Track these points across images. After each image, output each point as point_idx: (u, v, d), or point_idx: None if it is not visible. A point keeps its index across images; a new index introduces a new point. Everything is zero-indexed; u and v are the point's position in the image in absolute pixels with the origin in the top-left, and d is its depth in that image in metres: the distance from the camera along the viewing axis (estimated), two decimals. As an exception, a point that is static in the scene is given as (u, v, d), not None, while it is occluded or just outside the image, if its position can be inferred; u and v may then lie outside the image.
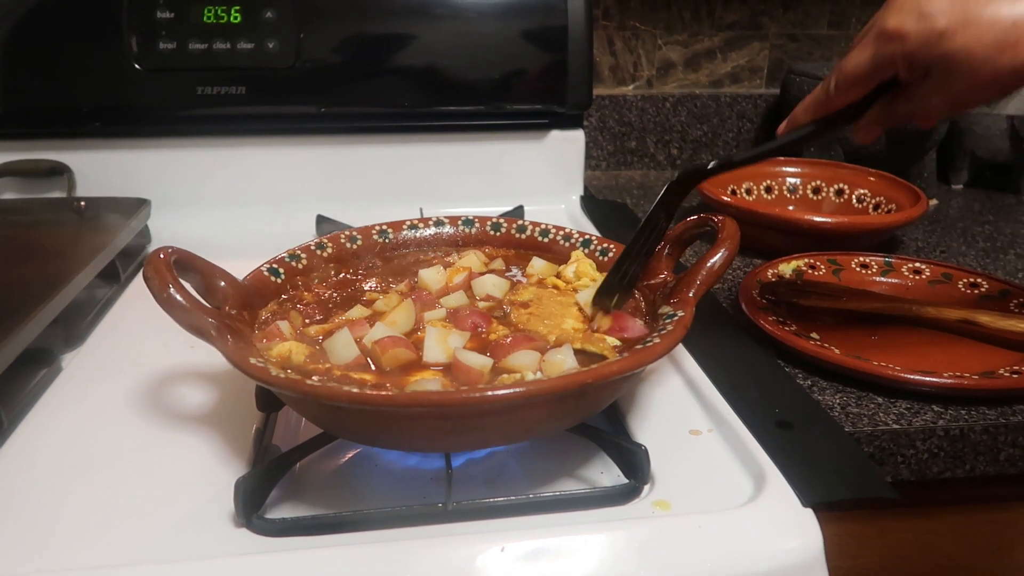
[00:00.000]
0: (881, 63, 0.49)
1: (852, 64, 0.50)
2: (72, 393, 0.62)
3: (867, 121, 0.54)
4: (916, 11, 0.46)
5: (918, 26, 0.46)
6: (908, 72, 0.49)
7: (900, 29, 0.47)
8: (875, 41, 0.49)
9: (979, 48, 0.45)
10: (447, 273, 0.62)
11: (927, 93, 0.49)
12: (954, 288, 0.76)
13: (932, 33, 0.46)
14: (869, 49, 0.49)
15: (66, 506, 0.49)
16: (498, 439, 0.49)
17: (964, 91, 0.48)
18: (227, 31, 0.91)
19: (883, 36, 0.48)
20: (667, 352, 0.48)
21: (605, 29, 1.19)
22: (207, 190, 0.98)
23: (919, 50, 0.47)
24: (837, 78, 0.52)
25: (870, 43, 0.49)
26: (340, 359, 0.51)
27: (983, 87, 0.47)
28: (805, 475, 0.50)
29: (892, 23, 0.47)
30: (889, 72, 0.50)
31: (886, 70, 0.49)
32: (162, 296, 0.49)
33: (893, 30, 0.47)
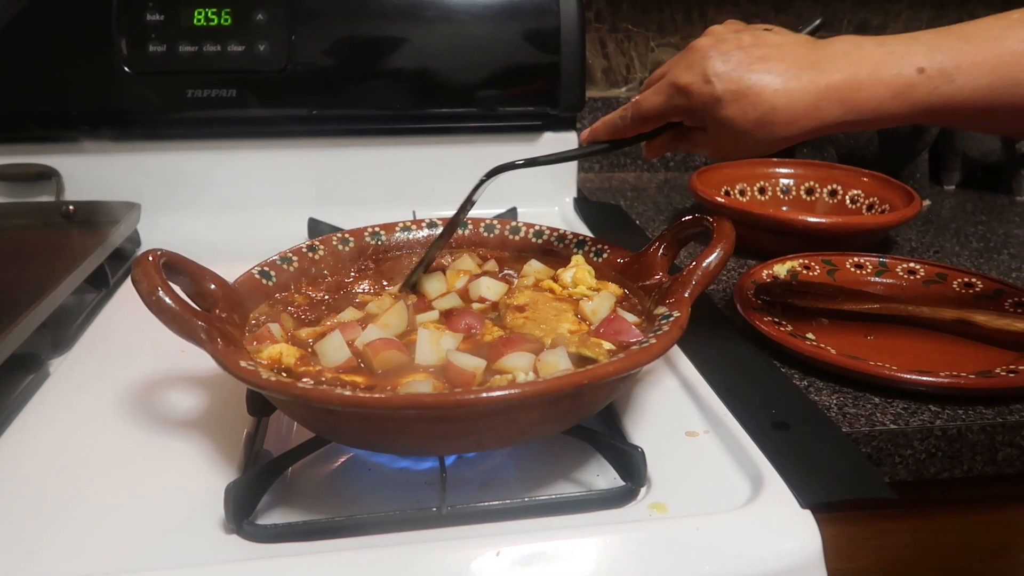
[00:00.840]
0: (670, 110, 0.56)
1: (647, 105, 0.57)
2: (60, 399, 0.61)
3: (655, 146, 0.62)
4: (702, 74, 0.52)
5: (701, 88, 0.53)
6: (690, 121, 0.56)
7: (688, 87, 0.53)
8: (667, 90, 0.55)
9: (743, 120, 0.52)
10: (447, 278, 0.61)
11: (703, 142, 0.57)
12: (949, 288, 0.76)
13: (711, 97, 0.52)
14: (662, 96, 0.56)
15: (53, 514, 0.48)
16: (492, 442, 0.48)
17: (730, 148, 0.55)
18: (217, 33, 0.91)
19: (674, 88, 0.54)
20: (663, 353, 0.48)
21: (597, 31, 1.19)
22: (198, 194, 0.97)
23: (699, 108, 0.54)
24: (633, 114, 0.58)
25: (664, 90, 0.55)
26: (331, 361, 0.50)
27: (744, 148, 0.54)
28: (803, 476, 0.49)
29: (683, 80, 0.54)
30: (676, 117, 0.57)
31: (673, 115, 0.57)
32: (151, 299, 0.48)
33: (683, 86, 0.54)
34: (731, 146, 0.55)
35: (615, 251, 0.64)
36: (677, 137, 0.59)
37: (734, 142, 0.54)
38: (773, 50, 0.52)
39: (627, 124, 0.59)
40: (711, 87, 0.52)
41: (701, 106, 0.53)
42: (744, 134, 0.53)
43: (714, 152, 0.57)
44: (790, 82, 0.51)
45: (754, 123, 0.52)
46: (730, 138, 0.54)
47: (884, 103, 0.51)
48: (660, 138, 0.60)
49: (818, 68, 0.51)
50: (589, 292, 0.60)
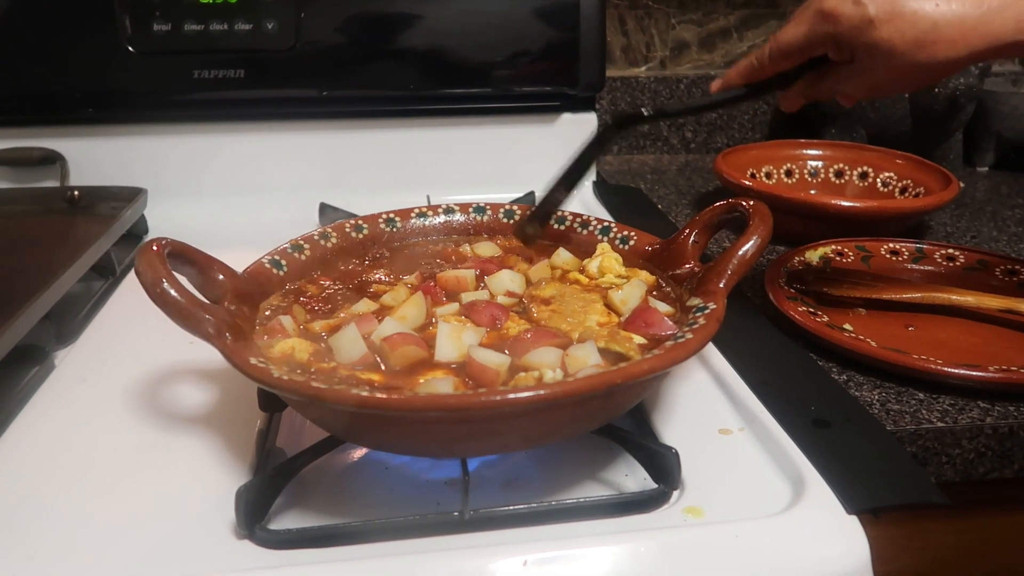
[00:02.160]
0: (814, 40, 0.51)
1: (787, 37, 0.53)
2: (64, 393, 0.58)
3: (794, 92, 0.57)
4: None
5: (851, 11, 0.48)
6: (836, 53, 0.51)
7: (835, 11, 0.49)
8: (811, 19, 0.51)
9: (900, 42, 0.47)
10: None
11: (849, 75, 0.52)
12: (991, 275, 0.72)
13: (862, 20, 0.48)
14: (805, 26, 0.51)
15: (56, 515, 0.46)
16: (518, 443, 0.45)
17: (882, 79, 0.51)
18: (224, 11, 0.88)
19: (819, 15, 0.50)
20: (700, 348, 0.45)
21: (617, 8, 1.15)
22: (205, 178, 0.94)
23: (848, 34, 0.49)
24: (772, 49, 0.54)
25: (807, 19, 0.51)
26: (347, 357, 0.47)
27: (899, 78, 0.50)
28: (848, 479, 0.46)
29: (829, 4, 0.49)
30: (820, 49, 0.52)
31: (817, 47, 0.52)
32: (155, 292, 0.45)
33: (829, 10, 0.49)
34: (884, 75, 0.50)
35: (643, 238, 0.61)
36: (818, 78, 0.54)
37: (888, 70, 0.49)
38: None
39: (765, 62, 0.54)
40: (862, 8, 0.48)
41: (850, 30, 0.49)
42: (900, 57, 0.48)
43: (863, 87, 0.52)
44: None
45: (912, 43, 0.47)
46: (883, 66, 0.49)
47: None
48: (800, 81, 0.55)
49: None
50: (618, 280, 0.56)
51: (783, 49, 0.53)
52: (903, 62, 0.48)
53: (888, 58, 0.48)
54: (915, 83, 0.50)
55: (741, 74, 0.57)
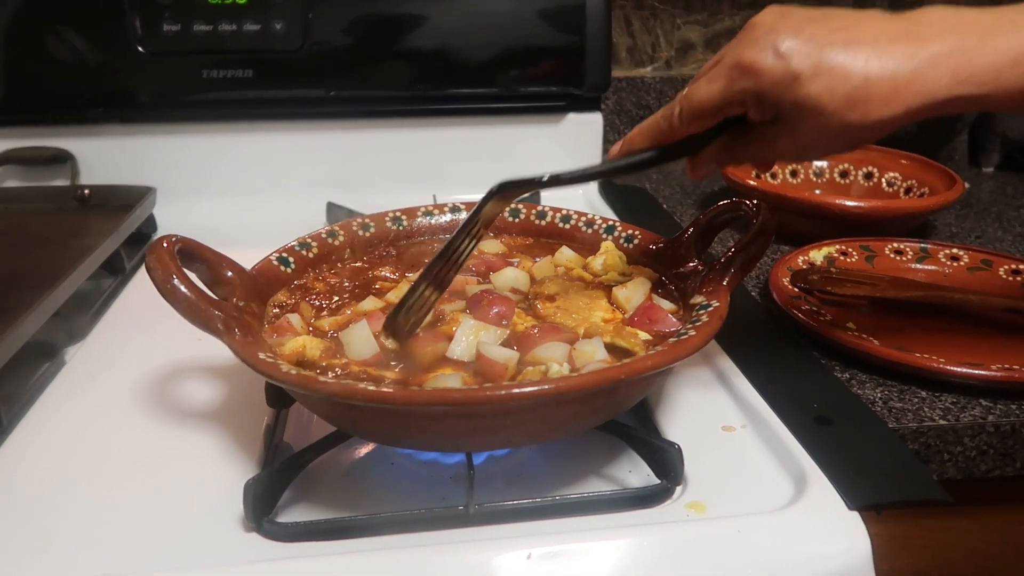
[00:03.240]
0: (731, 98, 0.45)
1: (701, 95, 0.46)
2: (75, 388, 0.59)
3: (706, 158, 0.50)
4: (772, 48, 0.43)
5: (773, 64, 0.43)
6: (757, 112, 0.45)
7: (754, 64, 0.43)
8: (728, 73, 0.45)
9: (829, 100, 0.42)
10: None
11: (772, 137, 0.46)
12: (995, 275, 0.72)
13: (785, 74, 0.43)
14: (720, 81, 0.45)
15: (67, 509, 0.47)
16: (523, 438, 0.46)
17: (809, 141, 0.45)
18: (233, 12, 0.88)
19: (737, 69, 0.44)
20: (703, 345, 0.45)
21: (622, 9, 1.16)
22: (213, 177, 0.95)
23: (771, 90, 0.43)
24: (682, 108, 0.47)
25: (722, 74, 0.45)
26: (358, 354, 0.48)
27: (828, 140, 0.44)
28: (850, 475, 0.47)
29: (748, 56, 0.44)
30: (738, 109, 0.46)
31: (735, 106, 0.46)
32: (165, 287, 0.46)
33: (748, 64, 0.44)
34: (811, 137, 0.44)
35: (647, 236, 0.62)
36: (734, 141, 0.48)
37: (816, 131, 0.44)
38: (851, 21, 0.43)
39: (675, 123, 0.48)
40: (785, 62, 0.42)
41: (773, 86, 0.43)
42: (830, 117, 0.42)
43: (789, 148, 0.46)
44: (884, 52, 0.42)
45: (843, 101, 0.42)
46: (811, 126, 0.43)
47: (1002, 72, 0.41)
48: (712, 147, 0.49)
49: (915, 37, 0.42)
50: (621, 278, 0.57)
51: (696, 108, 0.47)
52: (833, 122, 0.43)
53: (816, 117, 0.43)
54: (845, 144, 0.45)
55: (646, 136, 0.50)
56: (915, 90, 0.42)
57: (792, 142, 0.45)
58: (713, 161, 0.50)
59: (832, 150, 0.47)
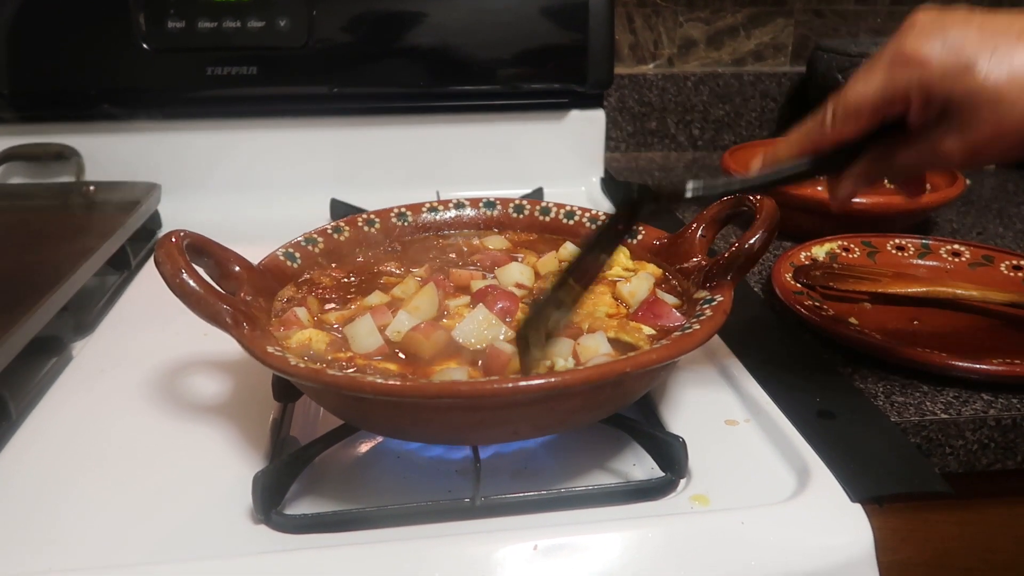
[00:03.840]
0: (893, 92, 0.41)
1: (858, 90, 0.42)
2: (83, 383, 0.60)
3: (855, 174, 0.46)
4: (941, 37, 0.39)
5: (943, 54, 0.39)
6: (922, 108, 0.41)
7: (921, 53, 0.40)
8: (889, 65, 0.41)
9: (1009, 88, 0.38)
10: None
11: (940, 137, 0.41)
12: (996, 271, 0.73)
13: (958, 63, 0.39)
14: (881, 74, 0.41)
15: (77, 501, 0.47)
16: (529, 431, 0.46)
17: (985, 137, 0.40)
18: (237, 9, 0.89)
19: (900, 60, 0.40)
20: (707, 339, 0.46)
21: (625, 6, 1.16)
22: (218, 173, 0.96)
23: (940, 81, 0.39)
24: (836, 106, 0.43)
25: (883, 67, 0.41)
26: (363, 347, 0.48)
27: (1007, 135, 0.39)
28: (852, 468, 0.47)
29: (912, 46, 0.40)
30: (900, 105, 0.42)
31: (897, 102, 0.41)
32: (174, 282, 0.46)
33: (912, 53, 0.40)
34: (986, 133, 0.39)
35: (651, 232, 0.62)
36: (890, 148, 0.43)
37: (992, 126, 0.39)
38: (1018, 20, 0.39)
39: (827, 125, 0.44)
40: (955, 51, 0.38)
41: (943, 77, 0.39)
42: (1011, 107, 0.38)
43: (961, 149, 0.41)
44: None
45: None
46: (987, 120, 0.39)
47: None
48: (862, 162, 0.45)
49: None
50: (626, 273, 0.57)
51: (851, 105, 0.42)
52: (1015, 113, 0.38)
53: (994, 109, 0.38)
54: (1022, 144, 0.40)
55: (793, 144, 0.46)
56: None
57: (962, 141, 0.41)
58: (862, 176, 0.45)
59: (1007, 151, 0.40)
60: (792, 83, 1.21)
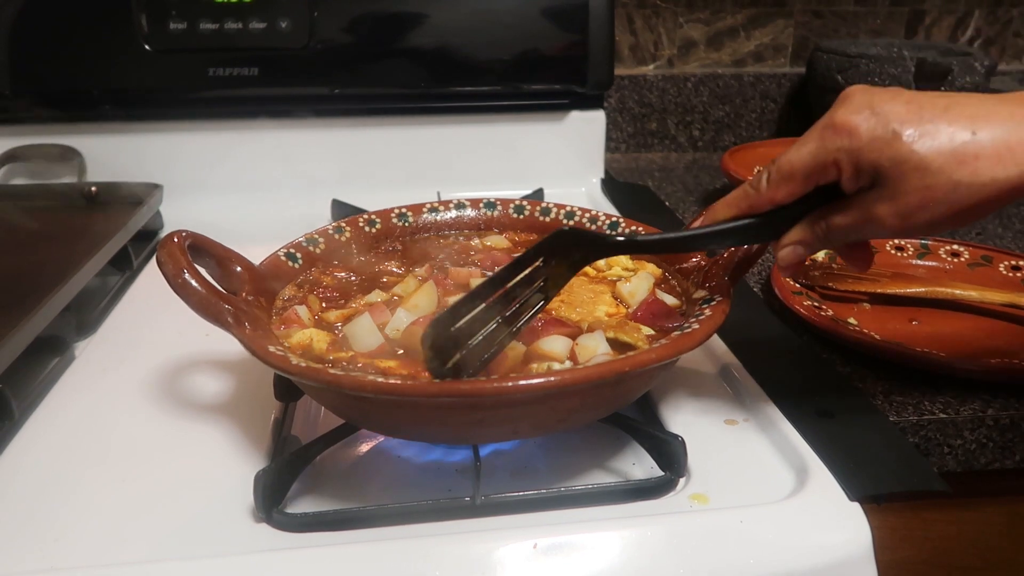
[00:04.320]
0: (824, 159, 0.43)
1: (791, 156, 0.44)
2: (85, 382, 0.60)
3: (795, 236, 0.47)
4: (870, 108, 0.41)
5: (871, 123, 0.41)
6: (853, 174, 0.43)
7: (850, 122, 0.42)
8: (821, 133, 0.43)
9: (935, 156, 0.40)
10: None
11: (871, 204, 0.43)
12: (995, 271, 0.73)
13: (885, 132, 0.41)
14: (813, 142, 0.43)
15: (79, 500, 0.47)
16: (529, 430, 0.46)
17: (915, 204, 0.41)
18: (239, 10, 0.89)
19: (831, 128, 0.42)
20: (707, 338, 0.46)
21: (625, 7, 1.16)
22: (220, 174, 0.96)
23: (868, 149, 0.41)
24: (771, 170, 0.45)
25: (815, 136, 0.43)
26: (363, 346, 0.49)
27: (937, 203, 0.41)
28: (850, 467, 0.47)
29: (842, 116, 0.42)
30: (831, 172, 0.43)
31: (828, 169, 0.43)
32: (176, 281, 0.47)
33: (842, 122, 0.42)
34: (915, 200, 0.41)
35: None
36: (826, 214, 0.45)
37: (920, 193, 0.40)
38: (942, 98, 0.41)
39: (761, 187, 0.46)
40: (883, 120, 0.41)
41: (870, 144, 0.41)
42: (936, 175, 0.40)
43: (888, 219, 0.42)
44: (992, 113, 0.40)
45: (950, 157, 0.39)
46: (915, 187, 0.40)
47: None
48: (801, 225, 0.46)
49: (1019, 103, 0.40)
50: (625, 273, 0.58)
51: (785, 170, 0.44)
52: (940, 181, 0.40)
53: (921, 175, 0.40)
54: (953, 212, 0.41)
55: (731, 204, 0.48)
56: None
57: (893, 207, 0.42)
58: (802, 241, 0.47)
59: (939, 220, 0.42)
60: (792, 84, 1.22)
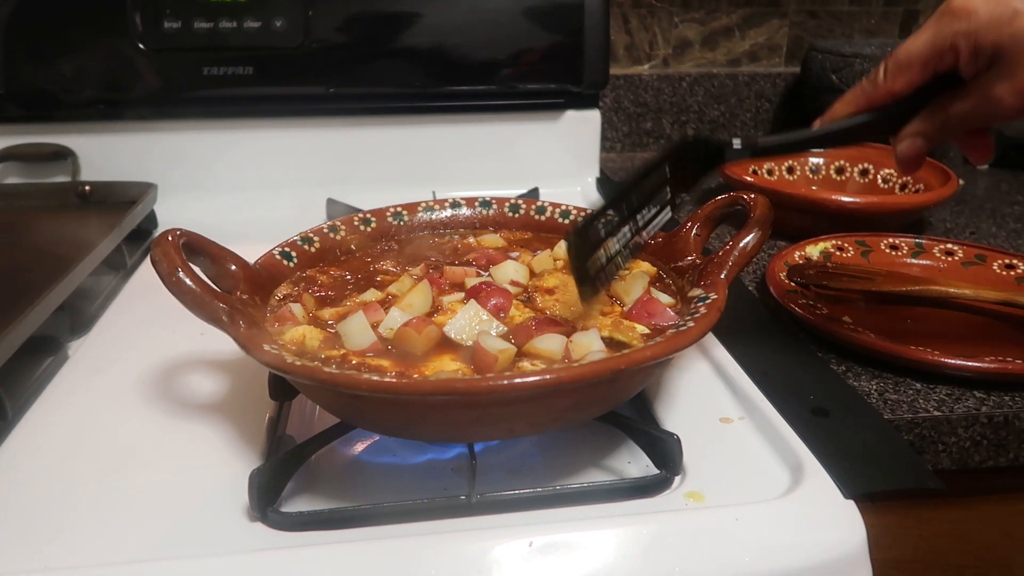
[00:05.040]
0: (942, 43, 0.43)
1: (908, 45, 0.45)
2: (79, 382, 0.60)
3: (913, 130, 0.47)
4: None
5: (990, 4, 0.42)
6: (972, 58, 0.43)
7: (969, 5, 0.42)
8: (938, 19, 0.44)
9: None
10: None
11: (991, 84, 0.43)
12: (989, 270, 0.73)
13: (1005, 10, 0.41)
14: (930, 29, 0.44)
15: (73, 500, 0.47)
16: (524, 428, 0.46)
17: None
18: (233, 9, 0.89)
19: (948, 13, 0.43)
20: (701, 336, 0.46)
21: (620, 7, 1.16)
22: (214, 173, 0.96)
23: (987, 29, 0.42)
24: (888, 61, 0.46)
25: (932, 22, 0.44)
26: (356, 344, 0.48)
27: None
28: (845, 465, 0.48)
29: (958, 2, 0.43)
30: (949, 57, 0.44)
31: (946, 54, 0.44)
32: (171, 280, 0.46)
33: (960, 6, 0.42)
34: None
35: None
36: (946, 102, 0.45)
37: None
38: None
39: (879, 80, 0.46)
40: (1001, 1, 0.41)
41: (990, 24, 0.41)
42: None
43: (1007, 99, 0.43)
44: None
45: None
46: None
47: None
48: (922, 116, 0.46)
49: None
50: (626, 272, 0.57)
51: (902, 59, 0.45)
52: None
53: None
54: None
55: (848, 101, 0.48)
56: None
57: (1012, 86, 0.42)
58: (921, 133, 0.46)
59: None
60: (787, 83, 1.22)
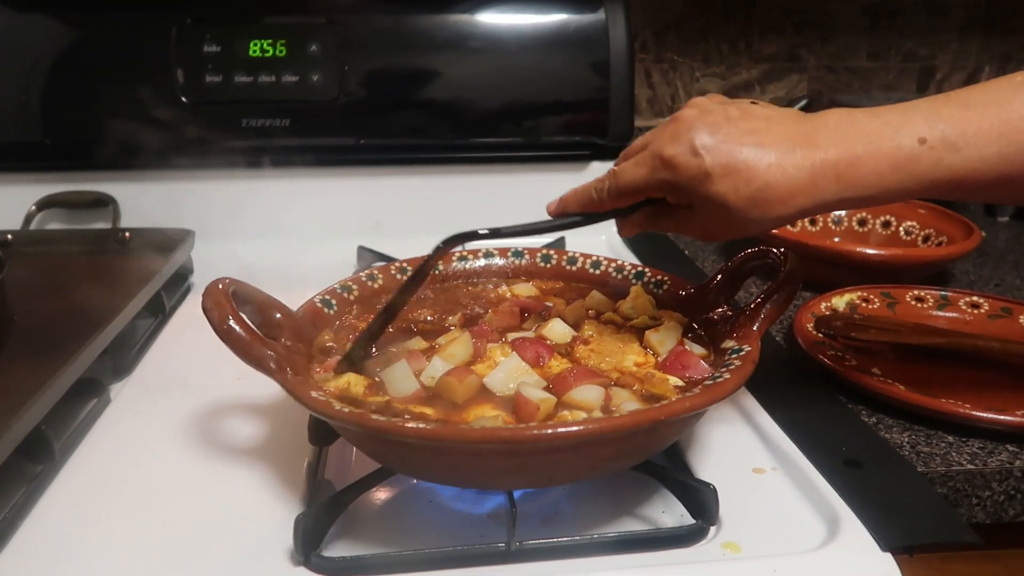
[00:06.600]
0: (652, 184, 0.51)
1: (627, 178, 0.53)
2: (122, 425, 0.61)
3: (631, 224, 0.57)
4: (689, 145, 0.49)
5: (689, 161, 0.49)
6: (674, 199, 0.52)
7: (674, 160, 0.49)
8: (651, 162, 0.51)
9: (735, 198, 0.48)
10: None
11: (685, 220, 0.53)
12: (1015, 322, 0.74)
13: (699, 171, 0.48)
14: (644, 169, 0.51)
15: (117, 540, 0.48)
16: (563, 477, 0.47)
17: (716, 228, 0.51)
18: (272, 64, 0.92)
19: (659, 160, 0.50)
20: (737, 388, 0.47)
21: (642, 62, 1.20)
22: (249, 221, 0.98)
23: (686, 184, 0.49)
24: (611, 186, 0.54)
25: (647, 162, 0.51)
26: (399, 391, 0.50)
27: (732, 229, 0.50)
28: (881, 517, 0.48)
29: (668, 151, 0.50)
30: (658, 193, 0.52)
31: (655, 191, 0.52)
32: (222, 328, 0.48)
33: (668, 158, 0.50)
34: (719, 226, 0.51)
35: (676, 283, 0.64)
36: (656, 214, 0.55)
37: (723, 221, 0.50)
38: (762, 123, 0.49)
39: (603, 198, 0.54)
40: (699, 160, 0.48)
41: (687, 181, 0.49)
42: (735, 212, 0.48)
43: (699, 233, 0.53)
44: (784, 157, 0.47)
45: (747, 201, 0.48)
46: (719, 217, 0.49)
47: (884, 177, 0.47)
48: (637, 215, 0.55)
49: (811, 143, 0.47)
50: (652, 322, 0.59)
51: (622, 188, 0.53)
52: (737, 217, 0.48)
53: (723, 211, 0.49)
54: (749, 232, 0.51)
55: (578, 203, 0.56)
56: (808, 193, 0.47)
57: (701, 227, 0.52)
58: (637, 226, 0.57)
59: (735, 235, 0.52)
60: (806, 136, 1.24)
